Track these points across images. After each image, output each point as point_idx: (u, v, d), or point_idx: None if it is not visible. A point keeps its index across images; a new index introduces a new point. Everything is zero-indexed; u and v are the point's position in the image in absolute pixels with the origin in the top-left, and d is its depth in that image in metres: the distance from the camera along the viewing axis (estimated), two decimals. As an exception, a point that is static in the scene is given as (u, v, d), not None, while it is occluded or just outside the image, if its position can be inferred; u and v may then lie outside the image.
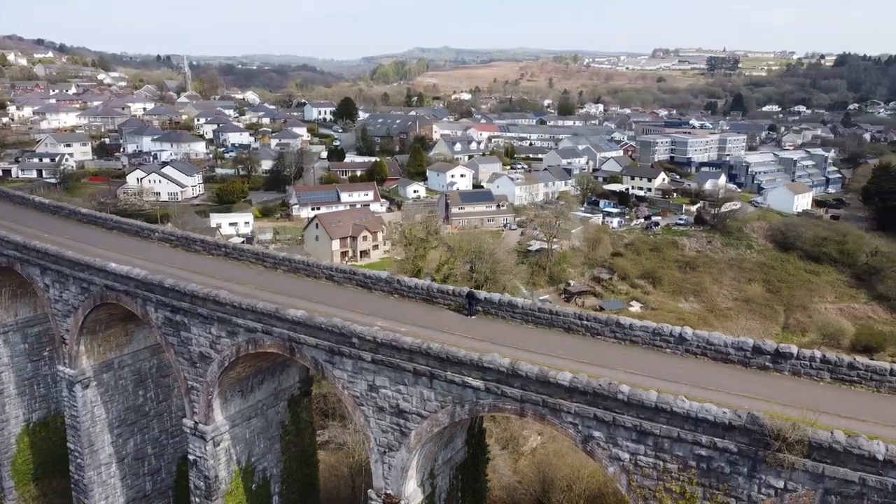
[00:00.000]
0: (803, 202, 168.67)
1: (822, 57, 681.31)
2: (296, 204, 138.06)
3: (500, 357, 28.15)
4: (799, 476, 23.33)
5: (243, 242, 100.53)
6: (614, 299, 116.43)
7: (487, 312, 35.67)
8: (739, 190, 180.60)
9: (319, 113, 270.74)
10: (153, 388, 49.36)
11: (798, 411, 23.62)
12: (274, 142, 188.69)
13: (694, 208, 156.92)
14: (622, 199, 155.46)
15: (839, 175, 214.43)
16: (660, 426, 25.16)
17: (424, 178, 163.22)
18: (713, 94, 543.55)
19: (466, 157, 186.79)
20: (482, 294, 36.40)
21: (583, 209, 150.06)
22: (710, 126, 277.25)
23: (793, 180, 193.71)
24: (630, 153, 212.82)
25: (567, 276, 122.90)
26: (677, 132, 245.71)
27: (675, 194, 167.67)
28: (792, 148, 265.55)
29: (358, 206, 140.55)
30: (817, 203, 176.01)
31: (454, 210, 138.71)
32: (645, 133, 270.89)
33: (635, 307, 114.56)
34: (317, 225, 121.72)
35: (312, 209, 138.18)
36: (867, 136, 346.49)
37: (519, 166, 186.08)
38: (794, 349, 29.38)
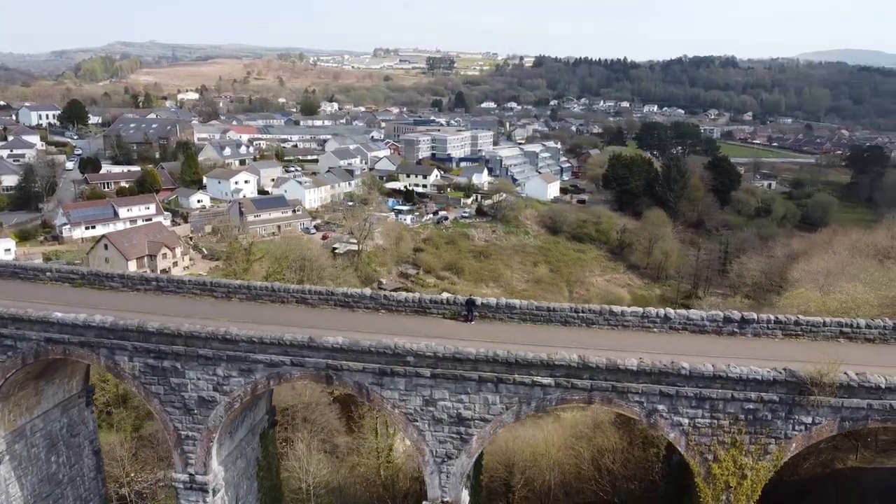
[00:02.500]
0: (553, 190, 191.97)
1: (522, 59, 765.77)
2: (65, 224, 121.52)
3: (569, 354, 31.27)
4: (823, 411, 30.24)
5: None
6: (430, 292, 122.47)
7: (485, 316, 38.11)
8: (494, 182, 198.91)
9: (41, 117, 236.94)
10: (65, 451, 43.09)
11: (812, 364, 30.58)
12: (5, 153, 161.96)
13: (469, 201, 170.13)
14: (408, 196, 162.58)
15: (569, 164, 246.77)
16: (716, 391, 30.48)
17: (202, 187, 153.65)
18: (437, 92, 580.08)
19: (238, 162, 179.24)
20: (479, 300, 38.77)
21: (372, 209, 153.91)
22: (456, 124, 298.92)
23: (538, 171, 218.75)
24: (396, 151, 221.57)
25: (378, 276, 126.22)
26: (429, 129, 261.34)
27: (448, 189, 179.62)
28: (524, 142, 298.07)
29: (139, 221, 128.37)
30: (562, 191, 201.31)
31: (250, 218, 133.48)
32: (396, 132, 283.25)
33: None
34: (106, 245, 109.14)
35: (87, 228, 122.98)
36: (573, 128, 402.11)
37: (293, 169, 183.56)
38: (755, 315, 36.93)
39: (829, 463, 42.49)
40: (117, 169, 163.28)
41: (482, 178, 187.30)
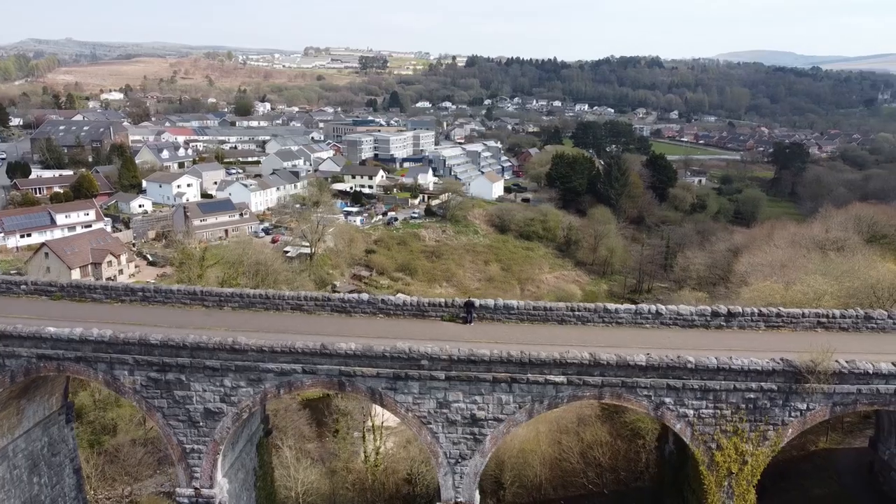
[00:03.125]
0: (498, 189, 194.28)
1: (454, 58, 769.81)
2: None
3: (580, 352, 32.24)
4: (817, 398, 32.20)
5: None
6: (385, 293, 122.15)
7: (482, 318, 38.81)
8: (440, 182, 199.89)
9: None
10: (46, 470, 41.47)
11: (805, 354, 32.51)
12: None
13: (417, 202, 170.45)
14: (355, 197, 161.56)
15: (510, 164, 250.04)
16: (719, 382, 32.04)
17: (141, 191, 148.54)
18: (371, 92, 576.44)
19: (176, 165, 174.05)
20: (478, 301, 39.40)
21: (322, 210, 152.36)
22: (396, 123, 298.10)
23: (480, 171, 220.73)
24: (338, 152, 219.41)
25: (332, 278, 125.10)
26: (370, 130, 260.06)
27: (395, 190, 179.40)
28: (463, 141, 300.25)
29: (78, 228, 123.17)
30: (506, 190, 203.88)
31: (196, 222, 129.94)
32: (336, 132, 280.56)
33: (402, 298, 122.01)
34: (46, 254, 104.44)
35: (22, 236, 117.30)
36: (509, 127, 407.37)
37: (234, 171, 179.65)
38: (741, 309, 38.91)
39: (803, 445, 44.98)
40: (48, 174, 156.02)
41: (427, 179, 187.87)
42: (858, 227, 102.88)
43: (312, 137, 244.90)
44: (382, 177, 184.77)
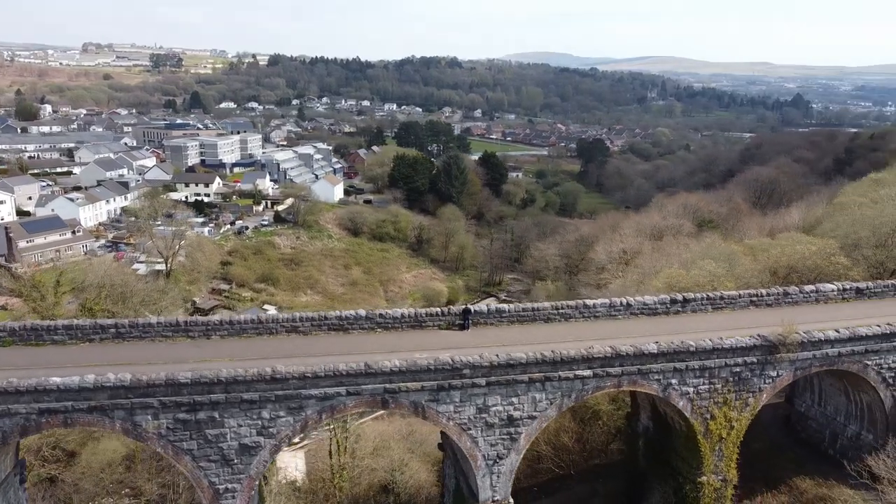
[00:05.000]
0: (339, 192, 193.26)
1: (255, 56, 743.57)
2: None
3: (602, 346, 35.36)
4: (784, 366, 38.23)
5: None
6: (250, 306, 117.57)
7: (476, 323, 40.82)
8: (277, 186, 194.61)
9: None
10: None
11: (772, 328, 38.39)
12: None
13: (261, 208, 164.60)
14: (197, 207, 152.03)
15: (340, 165, 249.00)
16: (714, 360, 36.88)
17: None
18: (168, 92, 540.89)
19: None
20: (473, 307, 41.22)
21: (159, 223, 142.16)
22: (215, 126, 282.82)
23: (314, 174, 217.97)
24: (160, 158, 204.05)
25: (190, 295, 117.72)
26: (187, 133, 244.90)
27: (234, 196, 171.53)
28: (285, 143, 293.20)
29: None
30: (345, 192, 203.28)
31: (22, 244, 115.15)
32: (146, 137, 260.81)
33: (271, 310, 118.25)
34: None
35: None
36: (326, 128, 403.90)
37: (45, 183, 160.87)
38: (693, 295, 44.52)
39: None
40: None
41: (266, 184, 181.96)
42: (687, 214, 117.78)
43: (126, 143, 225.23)
44: (219, 184, 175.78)
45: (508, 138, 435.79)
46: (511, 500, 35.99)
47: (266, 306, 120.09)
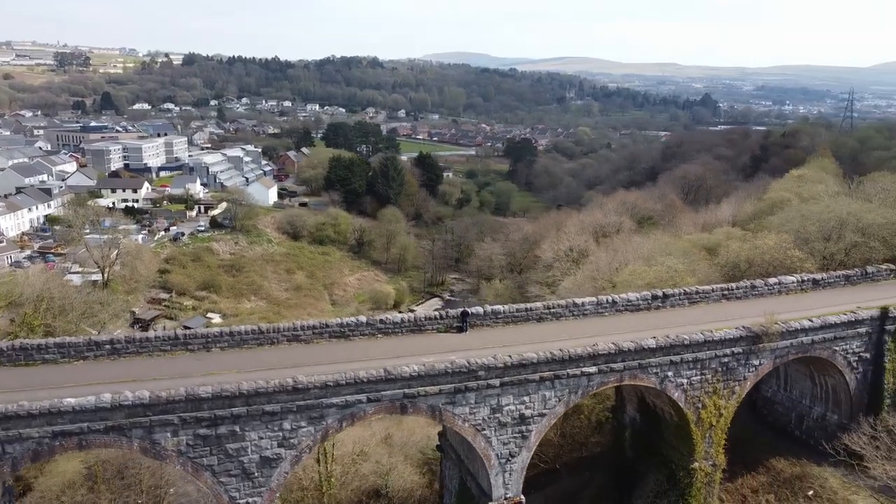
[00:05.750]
0: (273, 195, 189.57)
1: (168, 55, 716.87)
2: None
3: (605, 343, 36.79)
4: (766, 354, 40.82)
5: None
6: (193, 315, 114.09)
7: (473, 325, 41.68)
8: (208, 190, 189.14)
9: None
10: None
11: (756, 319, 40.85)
12: None
13: (195, 213, 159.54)
14: (127, 213, 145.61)
15: (270, 167, 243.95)
16: (705, 352, 38.99)
17: None
18: (77, 93, 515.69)
19: None
20: (470, 310, 41.95)
21: (88, 231, 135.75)
22: (135, 129, 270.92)
23: (245, 177, 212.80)
24: (80, 163, 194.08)
25: (129, 305, 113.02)
26: (105, 136, 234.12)
27: (165, 202, 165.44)
28: (209, 145, 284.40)
29: None
30: (279, 195, 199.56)
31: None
32: (61, 140, 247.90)
33: (216, 318, 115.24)
34: None
35: None
36: (249, 129, 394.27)
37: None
38: (672, 291, 46.74)
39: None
40: None
41: (197, 188, 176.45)
42: (626, 211, 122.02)
43: (40, 147, 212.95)
44: (148, 189, 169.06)
45: (435, 138, 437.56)
46: (523, 497, 36.93)
47: (210, 314, 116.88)
